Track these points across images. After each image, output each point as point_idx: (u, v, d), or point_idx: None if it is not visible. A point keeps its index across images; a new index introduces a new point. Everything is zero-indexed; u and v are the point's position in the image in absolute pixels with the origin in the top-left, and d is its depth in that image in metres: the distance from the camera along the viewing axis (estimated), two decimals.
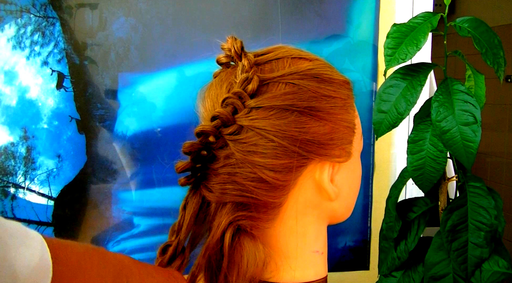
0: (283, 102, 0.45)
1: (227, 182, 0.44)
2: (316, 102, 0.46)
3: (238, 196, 0.45)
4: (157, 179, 1.15)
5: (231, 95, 0.44)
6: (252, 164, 0.44)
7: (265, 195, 0.45)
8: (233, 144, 0.44)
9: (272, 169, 0.44)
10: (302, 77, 0.46)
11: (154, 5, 1.11)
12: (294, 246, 0.48)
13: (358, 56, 1.18)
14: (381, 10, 1.18)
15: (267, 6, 1.14)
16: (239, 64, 0.47)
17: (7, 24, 1.08)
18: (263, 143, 0.44)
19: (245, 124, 0.44)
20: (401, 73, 0.89)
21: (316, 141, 0.46)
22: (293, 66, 0.48)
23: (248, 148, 0.44)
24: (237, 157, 0.44)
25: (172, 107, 1.14)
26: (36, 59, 1.10)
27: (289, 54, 0.49)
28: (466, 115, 0.82)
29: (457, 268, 0.84)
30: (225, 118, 0.44)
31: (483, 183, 0.86)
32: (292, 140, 0.45)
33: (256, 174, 0.44)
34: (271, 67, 0.47)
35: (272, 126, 0.44)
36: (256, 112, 0.44)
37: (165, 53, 1.13)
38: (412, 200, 0.97)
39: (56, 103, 1.11)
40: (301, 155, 0.45)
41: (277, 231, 0.48)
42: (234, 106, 0.44)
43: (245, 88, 0.44)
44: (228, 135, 0.44)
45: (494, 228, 0.83)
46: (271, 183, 0.45)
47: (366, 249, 1.24)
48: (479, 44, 0.84)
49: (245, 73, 0.45)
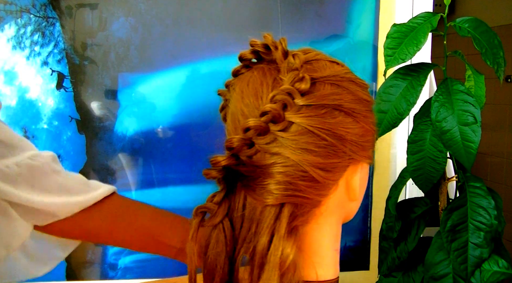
0: (332, 102, 0.45)
1: (280, 182, 0.43)
2: (356, 104, 0.47)
3: (291, 197, 0.44)
4: (157, 179, 1.15)
5: (280, 92, 0.44)
6: (303, 163, 0.43)
7: (315, 194, 0.45)
8: (284, 141, 0.43)
9: (323, 168, 0.44)
10: (342, 79, 0.47)
11: (154, 5, 1.11)
12: (320, 244, 0.49)
13: (358, 56, 1.18)
14: (381, 10, 1.18)
15: (267, 6, 1.14)
16: (283, 62, 0.46)
17: (7, 24, 1.08)
18: (315, 141, 0.44)
19: (296, 121, 0.43)
20: (401, 73, 0.89)
21: (358, 142, 0.47)
22: (332, 68, 0.48)
23: (300, 146, 0.43)
24: (287, 154, 0.43)
25: (172, 107, 1.14)
26: (36, 59, 1.10)
27: (325, 57, 0.50)
28: (466, 115, 0.82)
29: (457, 268, 0.84)
30: (276, 113, 0.43)
31: (483, 183, 0.86)
32: (341, 139, 0.45)
33: (307, 173, 0.44)
34: (313, 67, 0.48)
35: (324, 125, 0.44)
36: (307, 110, 0.44)
37: (165, 53, 1.13)
38: (412, 200, 0.97)
39: (56, 103, 1.11)
40: (348, 155, 0.46)
41: (308, 229, 0.48)
42: (284, 102, 0.44)
43: (297, 86, 0.44)
44: (278, 132, 0.43)
45: (494, 228, 0.83)
46: (321, 182, 0.45)
47: (366, 249, 1.24)
48: (479, 44, 0.84)
49: (295, 71, 0.45)
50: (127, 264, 1.16)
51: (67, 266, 1.14)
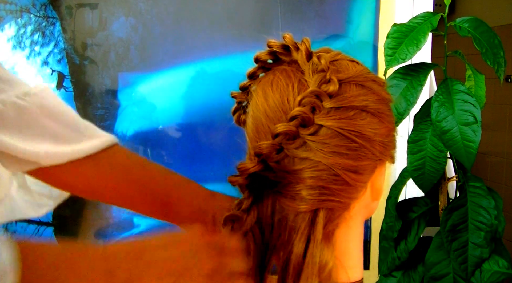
0: (360, 103, 0.44)
1: (312, 187, 0.42)
2: (380, 104, 0.46)
3: (325, 202, 0.43)
4: None
5: (309, 94, 0.42)
6: (335, 166, 0.42)
7: (347, 198, 0.44)
8: (314, 145, 0.42)
9: (354, 171, 0.44)
10: (366, 79, 0.47)
11: (154, 5, 1.11)
12: (350, 246, 0.48)
13: (358, 56, 1.17)
14: (381, 10, 1.18)
15: (268, 6, 1.14)
16: (305, 63, 0.45)
17: (7, 24, 1.08)
18: (346, 144, 0.43)
19: (326, 124, 0.42)
20: (401, 73, 0.89)
21: (384, 142, 0.46)
22: (354, 68, 0.47)
23: (331, 149, 0.42)
24: (318, 159, 0.42)
25: (173, 106, 1.14)
26: (36, 59, 1.10)
27: (344, 56, 0.49)
28: (466, 115, 0.82)
29: (457, 268, 0.84)
30: (306, 117, 0.42)
31: (483, 183, 0.86)
32: (370, 141, 0.44)
33: (339, 177, 0.43)
34: (337, 68, 0.46)
35: (354, 127, 0.43)
36: (336, 112, 0.43)
37: (165, 53, 1.13)
38: (412, 200, 0.97)
39: None
40: (376, 156, 0.45)
41: (338, 233, 0.47)
42: (313, 105, 0.42)
43: (325, 88, 0.43)
44: (308, 136, 0.42)
45: (494, 228, 0.83)
46: (352, 185, 0.44)
47: (366, 249, 1.24)
48: (479, 44, 0.84)
49: (322, 72, 0.44)
50: None
51: None
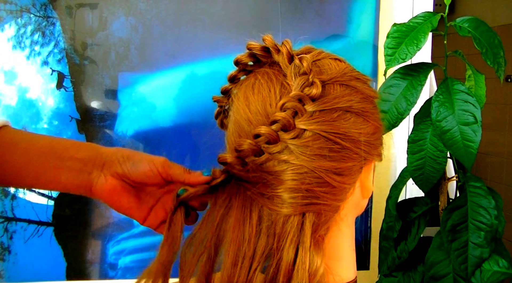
0: (344, 104, 0.44)
1: (294, 190, 0.42)
2: (364, 103, 0.46)
3: (310, 205, 0.42)
4: None
5: (290, 99, 0.42)
6: (317, 169, 0.42)
7: (333, 200, 0.44)
8: (296, 149, 0.42)
9: (338, 173, 0.43)
10: (350, 78, 0.46)
11: (154, 5, 1.11)
12: (342, 248, 0.48)
13: (358, 56, 1.18)
14: (381, 10, 1.18)
15: (267, 5, 1.14)
16: (287, 65, 0.44)
17: (7, 24, 1.08)
18: (329, 146, 0.42)
19: (309, 128, 0.42)
20: (401, 73, 0.89)
21: (370, 142, 0.46)
22: (337, 67, 0.47)
23: (313, 152, 0.42)
24: (300, 162, 0.42)
25: (172, 106, 1.14)
26: (36, 59, 1.10)
27: (327, 54, 0.48)
28: (466, 115, 0.82)
29: (457, 268, 0.84)
30: (286, 122, 0.41)
31: (483, 183, 0.86)
32: (355, 142, 0.44)
33: (322, 179, 0.42)
34: (319, 69, 0.46)
35: (338, 129, 0.43)
36: (319, 115, 0.43)
37: (165, 53, 1.13)
38: (412, 200, 0.97)
39: (56, 103, 1.11)
40: (362, 157, 0.45)
41: (330, 235, 0.46)
42: (294, 110, 0.42)
43: (307, 92, 0.42)
44: (290, 140, 0.42)
45: (494, 228, 0.83)
46: (337, 187, 0.43)
47: (366, 249, 1.24)
48: (479, 44, 0.84)
49: (304, 75, 0.43)
50: (127, 263, 1.16)
51: (67, 265, 1.14)
